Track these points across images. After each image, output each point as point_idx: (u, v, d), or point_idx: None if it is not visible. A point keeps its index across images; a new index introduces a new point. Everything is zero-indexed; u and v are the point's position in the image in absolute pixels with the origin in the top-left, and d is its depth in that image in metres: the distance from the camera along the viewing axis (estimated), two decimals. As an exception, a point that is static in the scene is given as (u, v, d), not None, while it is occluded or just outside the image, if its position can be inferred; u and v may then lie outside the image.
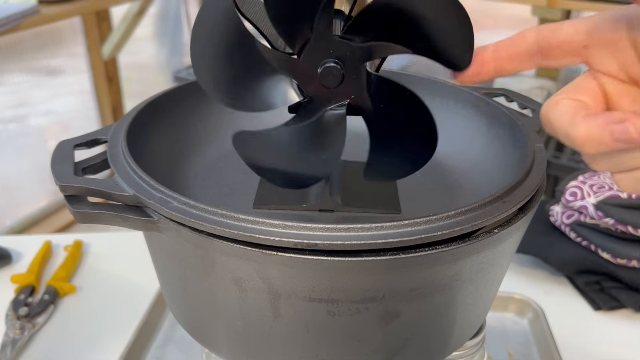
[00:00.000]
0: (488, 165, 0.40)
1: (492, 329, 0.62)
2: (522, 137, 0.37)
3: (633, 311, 0.65)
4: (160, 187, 0.31)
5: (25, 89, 1.82)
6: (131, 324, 0.59)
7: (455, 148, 0.43)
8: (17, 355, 0.57)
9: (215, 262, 0.30)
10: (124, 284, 0.68)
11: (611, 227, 0.66)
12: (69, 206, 0.32)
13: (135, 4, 1.86)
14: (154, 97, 0.42)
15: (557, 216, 0.72)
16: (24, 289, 0.64)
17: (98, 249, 0.75)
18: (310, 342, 0.32)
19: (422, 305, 0.31)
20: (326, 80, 0.30)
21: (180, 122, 0.43)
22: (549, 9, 1.48)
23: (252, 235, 0.28)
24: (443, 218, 0.29)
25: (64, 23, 1.84)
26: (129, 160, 0.34)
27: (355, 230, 0.28)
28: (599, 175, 0.71)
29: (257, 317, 0.31)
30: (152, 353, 0.58)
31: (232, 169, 0.41)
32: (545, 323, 0.60)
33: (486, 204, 0.30)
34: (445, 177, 0.41)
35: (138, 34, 1.99)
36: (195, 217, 0.29)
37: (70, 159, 0.35)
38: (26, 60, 1.79)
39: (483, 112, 0.43)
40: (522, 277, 0.70)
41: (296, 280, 0.29)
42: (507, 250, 0.34)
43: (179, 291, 0.36)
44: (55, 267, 0.70)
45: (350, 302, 0.30)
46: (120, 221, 0.32)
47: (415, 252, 0.28)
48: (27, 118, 1.88)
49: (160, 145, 0.41)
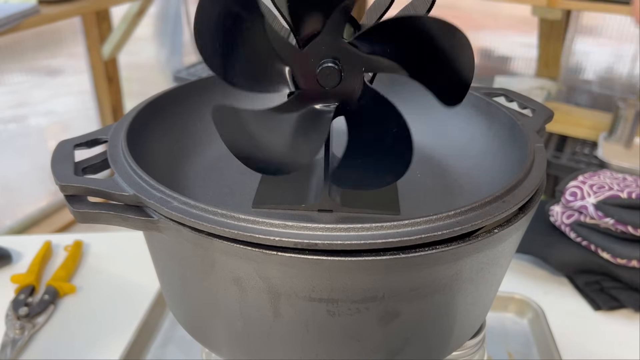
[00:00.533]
0: (488, 165, 0.40)
1: (492, 329, 0.62)
2: (522, 137, 0.37)
3: (633, 311, 0.65)
4: (160, 187, 0.31)
5: (25, 89, 1.82)
6: (131, 324, 0.59)
7: (455, 148, 0.43)
8: (17, 355, 0.57)
9: (215, 262, 0.30)
10: (124, 284, 0.68)
11: (611, 227, 0.66)
12: (69, 206, 0.32)
13: (135, 4, 1.86)
14: (154, 97, 0.42)
15: (557, 216, 0.72)
16: (24, 289, 0.64)
17: (98, 249, 0.75)
18: (310, 342, 0.32)
19: (422, 305, 0.31)
20: (323, 79, 0.30)
21: (180, 122, 0.43)
22: (549, 9, 1.48)
23: (252, 235, 0.28)
24: (443, 218, 0.29)
25: (64, 23, 1.84)
26: (129, 160, 0.34)
27: (355, 230, 0.28)
28: (599, 175, 0.71)
29: (257, 317, 0.31)
30: (152, 353, 0.58)
31: (232, 169, 0.41)
32: (545, 323, 0.60)
33: (486, 203, 0.30)
34: (445, 177, 0.41)
35: (138, 34, 1.99)
36: (195, 217, 0.29)
37: (70, 159, 0.35)
38: (26, 60, 1.79)
39: (483, 112, 0.43)
40: (522, 277, 0.70)
41: (296, 280, 0.29)
42: (507, 250, 0.34)
43: (179, 291, 0.36)
44: (55, 267, 0.70)
45: (350, 302, 0.30)
46: (120, 221, 0.32)
47: (415, 252, 0.28)
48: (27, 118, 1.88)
49: (160, 145, 0.41)
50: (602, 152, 1.47)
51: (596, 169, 0.74)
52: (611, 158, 1.44)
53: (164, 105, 0.42)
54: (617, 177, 0.71)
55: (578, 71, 1.88)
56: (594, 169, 0.74)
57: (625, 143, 1.50)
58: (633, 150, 1.49)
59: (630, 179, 0.70)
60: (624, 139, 1.50)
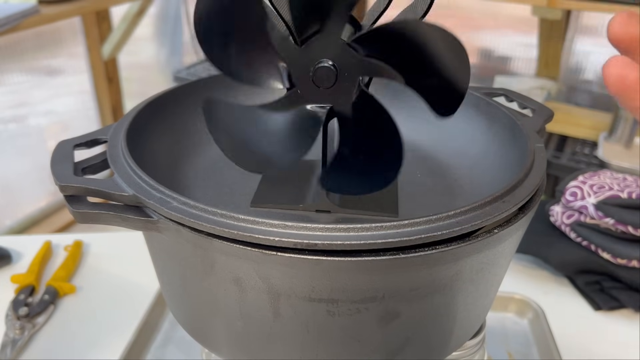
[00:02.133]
0: (488, 165, 0.40)
1: (492, 329, 0.62)
2: (522, 137, 0.37)
3: (633, 311, 0.65)
4: (160, 187, 0.31)
5: (25, 89, 1.82)
6: (131, 324, 0.59)
7: (455, 148, 0.43)
8: (17, 355, 0.57)
9: (215, 262, 0.30)
10: (124, 284, 0.68)
11: (611, 227, 0.66)
12: (68, 206, 0.32)
13: (135, 4, 1.86)
14: (154, 97, 0.42)
15: (557, 216, 0.72)
16: (24, 289, 0.64)
17: (98, 249, 0.75)
18: (310, 342, 0.32)
19: (422, 305, 0.31)
20: (318, 79, 0.30)
21: (180, 122, 0.43)
22: (549, 9, 1.48)
23: (251, 235, 0.28)
24: (443, 218, 0.29)
25: (64, 23, 1.84)
26: (128, 160, 0.34)
27: (355, 231, 0.28)
28: (599, 175, 0.71)
29: (257, 317, 0.31)
30: (152, 353, 0.58)
31: (232, 169, 0.41)
32: (545, 323, 0.60)
33: (486, 204, 0.30)
34: (445, 177, 0.41)
35: (138, 34, 1.99)
36: (195, 217, 0.29)
37: (70, 159, 0.35)
38: (26, 60, 1.79)
39: (483, 112, 0.43)
40: (522, 277, 0.70)
41: (296, 280, 0.29)
42: (507, 250, 0.34)
43: (179, 291, 0.36)
44: (55, 267, 0.70)
45: (350, 302, 0.30)
46: (120, 221, 0.32)
47: (415, 252, 0.28)
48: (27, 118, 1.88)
49: (160, 145, 0.41)
50: (602, 152, 1.47)
51: (596, 169, 0.74)
52: (611, 158, 1.44)
53: (164, 105, 0.42)
54: (617, 177, 0.71)
55: (578, 71, 1.88)
56: (594, 169, 0.74)
57: (625, 143, 1.50)
58: (633, 150, 1.49)
59: (630, 179, 0.70)
60: (624, 139, 1.50)
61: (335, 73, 0.30)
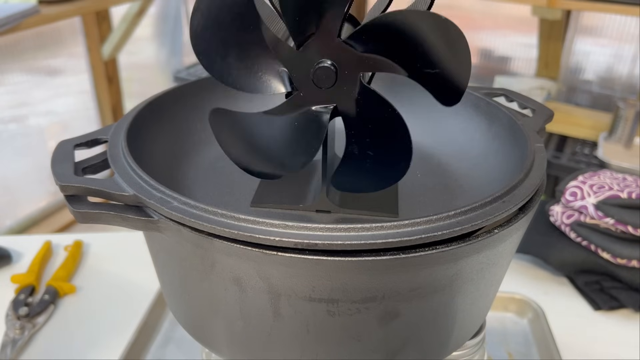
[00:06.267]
0: (488, 165, 0.40)
1: (492, 329, 0.62)
2: (522, 137, 0.37)
3: (633, 311, 0.65)
4: (160, 187, 0.31)
5: (25, 89, 1.82)
6: (131, 324, 0.59)
7: (455, 148, 0.43)
8: (17, 355, 0.57)
9: (215, 262, 0.30)
10: (124, 284, 0.68)
11: (611, 227, 0.66)
12: (69, 206, 0.32)
13: (135, 4, 1.86)
14: (154, 97, 0.42)
15: (557, 216, 0.72)
16: (24, 289, 0.64)
17: (98, 249, 0.75)
18: (310, 342, 0.32)
19: (422, 305, 0.31)
20: (319, 80, 0.30)
21: (180, 122, 0.43)
22: (549, 9, 1.48)
23: (252, 235, 0.28)
24: (443, 218, 0.29)
25: (64, 23, 1.84)
26: (129, 160, 0.34)
27: (355, 230, 0.28)
28: (599, 175, 0.71)
29: (257, 317, 0.31)
30: (152, 353, 0.58)
31: (232, 169, 0.41)
32: (545, 323, 0.60)
33: (486, 204, 0.30)
34: (445, 177, 0.41)
35: (138, 34, 1.99)
36: (195, 217, 0.29)
37: (71, 159, 0.35)
38: (26, 60, 1.79)
39: (483, 112, 0.43)
40: (522, 277, 0.70)
41: (296, 280, 0.29)
42: (507, 250, 0.34)
43: (179, 291, 0.36)
44: (55, 267, 0.70)
45: (350, 302, 0.30)
46: (120, 221, 0.32)
47: (415, 252, 0.28)
48: (27, 118, 1.88)
49: (160, 145, 0.41)
50: (602, 152, 1.47)
51: (596, 169, 0.74)
52: (611, 158, 1.44)
53: (164, 105, 0.42)
54: (617, 177, 0.71)
55: (578, 71, 1.88)
56: (594, 169, 0.74)
57: (625, 143, 1.50)
58: (633, 150, 1.49)
59: (630, 179, 0.70)
60: (624, 139, 1.50)
61: (335, 72, 0.30)
